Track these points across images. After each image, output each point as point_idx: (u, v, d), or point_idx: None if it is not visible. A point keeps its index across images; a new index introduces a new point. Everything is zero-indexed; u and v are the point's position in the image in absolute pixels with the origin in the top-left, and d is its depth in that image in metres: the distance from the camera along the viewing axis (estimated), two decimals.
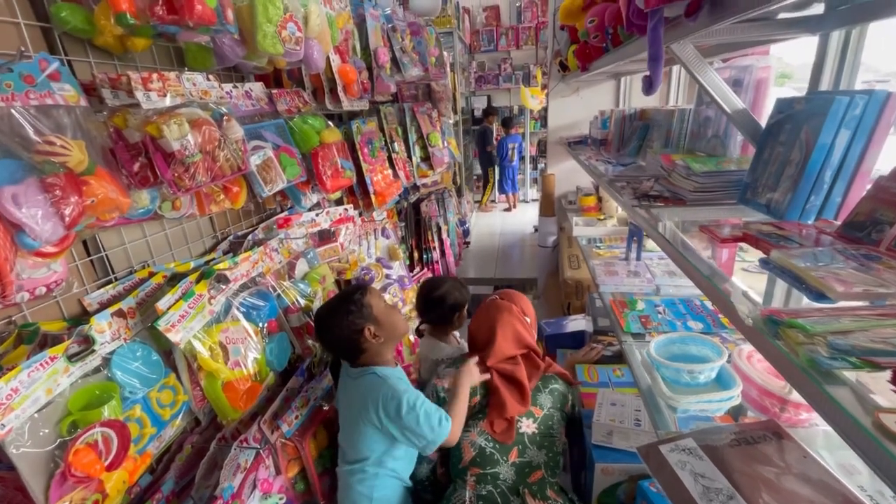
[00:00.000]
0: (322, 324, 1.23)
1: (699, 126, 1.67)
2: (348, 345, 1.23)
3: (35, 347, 0.78)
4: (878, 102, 0.91)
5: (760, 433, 1.03)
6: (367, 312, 1.23)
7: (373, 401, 1.16)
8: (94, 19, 0.90)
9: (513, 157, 6.05)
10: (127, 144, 0.84)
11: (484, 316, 1.49)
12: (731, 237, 0.97)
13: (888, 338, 0.54)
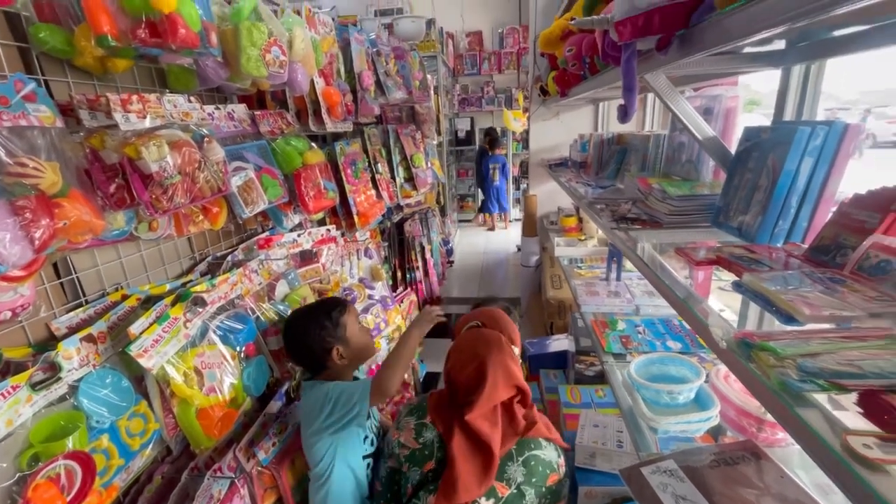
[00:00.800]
0: (293, 327, 1.24)
1: (674, 151, 1.73)
2: (313, 357, 1.24)
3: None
4: (838, 132, 0.95)
5: (739, 453, 1.04)
6: (341, 333, 1.24)
7: (319, 406, 1.17)
8: (73, 40, 0.89)
9: (495, 177, 6.15)
10: (103, 166, 0.83)
11: (469, 352, 1.16)
12: (706, 260, 1.00)
13: (854, 360, 0.56)
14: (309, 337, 1.21)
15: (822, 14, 0.53)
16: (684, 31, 0.84)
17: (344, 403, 1.15)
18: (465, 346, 1.20)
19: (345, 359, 1.24)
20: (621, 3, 0.94)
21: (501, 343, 1.18)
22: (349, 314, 1.27)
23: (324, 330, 1.20)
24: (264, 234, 1.53)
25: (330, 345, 1.21)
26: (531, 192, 3.62)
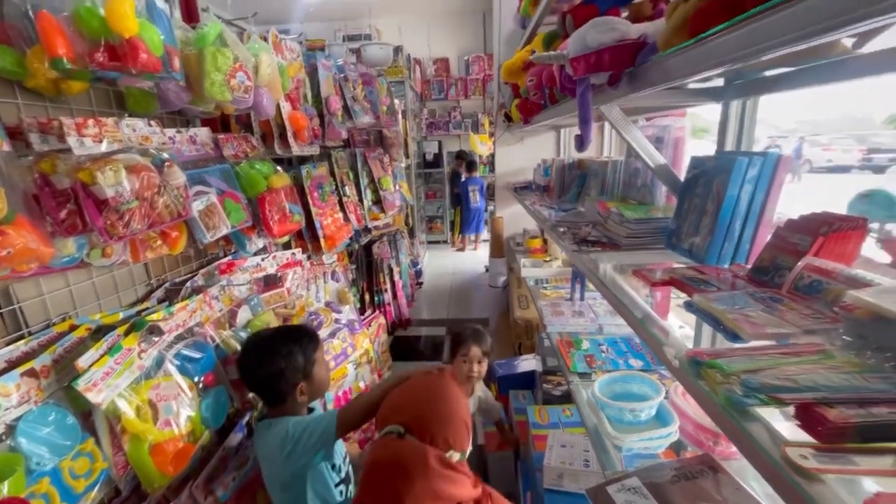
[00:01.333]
0: (256, 355, 1.16)
1: (630, 176, 1.83)
2: (274, 390, 1.17)
3: None
4: (772, 162, 1.04)
5: (698, 468, 1.08)
6: (309, 369, 1.20)
7: (279, 446, 1.11)
8: (25, 62, 0.87)
9: (475, 199, 6.28)
10: (54, 191, 0.79)
11: (381, 488, 0.87)
12: (661, 281, 1.05)
13: (791, 375, 0.60)
14: (274, 369, 1.14)
15: (742, 61, 0.59)
16: (632, 69, 0.91)
17: (307, 440, 1.10)
18: (377, 476, 0.89)
19: (305, 395, 1.20)
20: (575, 42, 1.00)
21: (426, 468, 0.86)
22: (320, 350, 1.24)
23: (294, 364, 1.15)
24: (226, 259, 1.49)
25: (296, 380, 1.16)
26: (498, 215, 3.69)
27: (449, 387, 1.03)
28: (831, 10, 0.42)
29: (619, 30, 0.92)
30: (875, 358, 0.61)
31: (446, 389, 1.02)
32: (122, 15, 0.85)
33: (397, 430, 0.93)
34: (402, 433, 0.92)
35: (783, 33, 0.50)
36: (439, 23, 7.03)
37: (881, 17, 0.38)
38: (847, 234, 0.87)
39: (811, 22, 0.45)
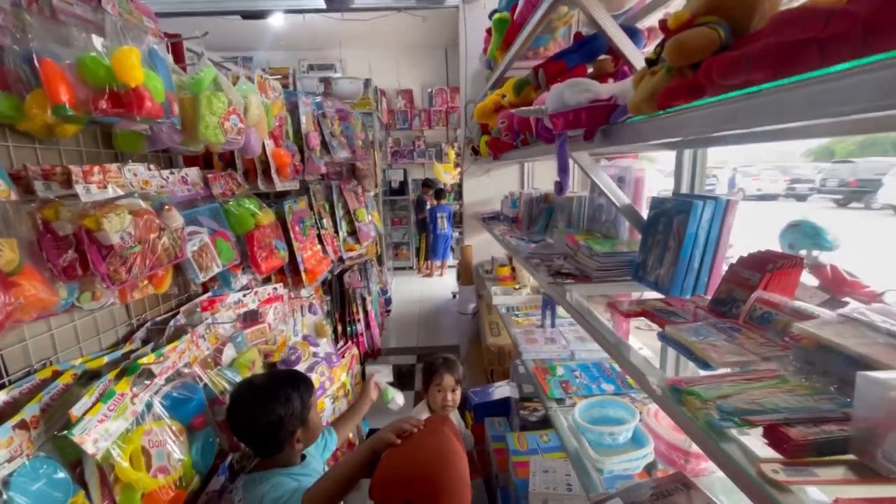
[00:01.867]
0: (250, 405, 1.11)
1: (594, 211, 1.97)
2: (269, 440, 1.13)
3: None
4: (723, 205, 1.19)
5: (673, 485, 1.17)
6: (306, 414, 1.18)
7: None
8: (23, 107, 0.87)
9: (443, 225, 6.39)
10: (55, 237, 0.79)
11: None
12: (633, 312, 1.16)
13: (756, 399, 0.70)
14: (274, 417, 1.10)
15: (700, 134, 0.71)
16: (605, 126, 1.03)
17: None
18: None
19: (301, 443, 1.18)
20: (553, 99, 1.12)
21: None
22: (314, 396, 1.23)
23: (292, 411, 1.12)
24: (206, 296, 1.47)
25: (294, 427, 1.14)
26: (466, 243, 3.79)
27: (449, 449, 0.99)
28: (779, 108, 0.53)
29: (593, 90, 1.04)
30: (821, 382, 0.72)
31: (448, 455, 0.98)
32: (130, 66, 0.88)
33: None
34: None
35: (734, 118, 0.62)
36: (403, 55, 7.24)
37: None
38: (788, 270, 1.01)
39: (762, 114, 0.57)
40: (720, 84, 0.62)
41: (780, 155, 16.26)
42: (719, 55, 0.63)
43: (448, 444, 1.04)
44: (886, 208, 9.33)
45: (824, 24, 0.51)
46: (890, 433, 0.54)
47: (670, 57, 0.76)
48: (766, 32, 0.58)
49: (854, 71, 0.45)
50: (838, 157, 13.30)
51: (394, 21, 4.52)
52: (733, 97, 0.62)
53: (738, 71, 0.59)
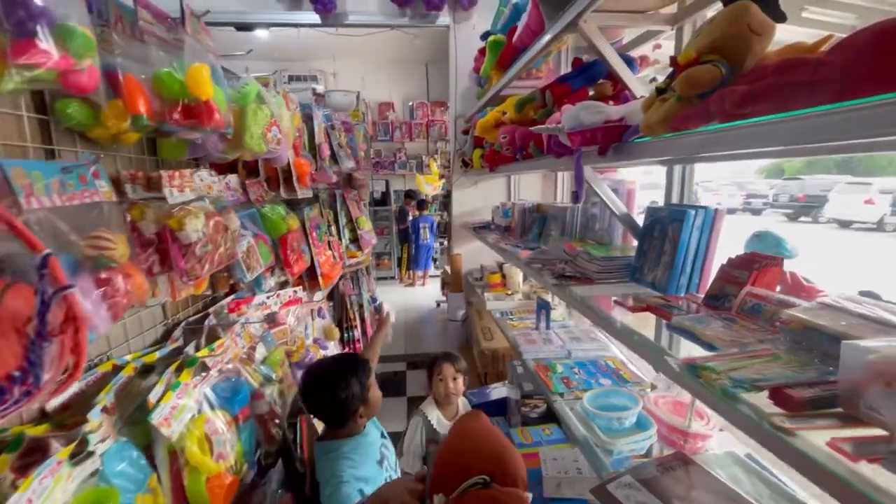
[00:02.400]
0: (320, 385, 1.30)
1: (588, 220, 2.14)
2: (337, 415, 1.32)
3: (19, 455, 0.70)
4: (712, 214, 1.36)
5: (674, 462, 1.31)
6: (365, 395, 1.34)
7: (324, 483, 1.27)
8: (101, 116, 0.94)
9: (425, 236, 6.49)
10: (140, 236, 0.86)
11: None
12: (639, 307, 1.30)
13: (759, 371, 0.84)
14: (338, 398, 1.29)
15: (705, 153, 0.86)
16: (618, 144, 1.18)
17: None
18: None
19: (363, 418, 1.35)
20: (568, 119, 1.27)
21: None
22: (372, 377, 1.37)
23: (353, 393, 1.28)
24: (231, 298, 1.53)
25: (356, 407, 1.30)
26: (455, 252, 3.92)
27: (490, 425, 1.02)
28: (776, 134, 0.69)
29: (605, 112, 1.20)
30: (807, 356, 0.87)
31: (493, 428, 1.01)
32: (203, 81, 0.96)
33: (482, 480, 0.87)
34: (487, 482, 0.87)
35: (738, 141, 0.77)
36: (383, 69, 7.38)
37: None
38: (771, 268, 1.18)
39: (761, 138, 0.72)
40: (730, 113, 0.77)
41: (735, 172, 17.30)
42: (730, 89, 0.78)
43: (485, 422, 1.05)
44: (832, 222, 10.12)
45: (814, 70, 0.67)
46: (869, 387, 0.69)
47: (681, 88, 0.92)
48: (769, 73, 0.74)
49: (835, 111, 0.61)
50: (788, 175, 14.30)
51: (380, 37, 4.66)
52: (741, 125, 0.77)
53: (746, 103, 0.74)
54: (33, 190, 0.60)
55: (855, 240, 8.84)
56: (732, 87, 0.79)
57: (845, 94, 0.62)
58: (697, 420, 1.36)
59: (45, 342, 0.54)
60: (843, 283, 1.11)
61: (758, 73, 0.79)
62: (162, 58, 0.94)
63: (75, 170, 0.70)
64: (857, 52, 0.62)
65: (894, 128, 0.52)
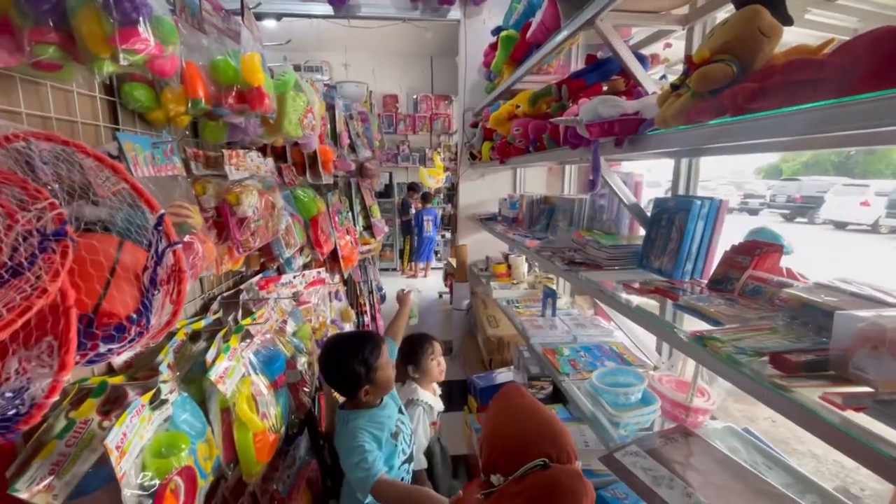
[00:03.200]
0: (332, 358, 1.40)
1: (595, 211, 2.22)
2: (345, 389, 1.42)
3: (102, 401, 0.78)
4: (717, 204, 1.44)
5: (676, 434, 1.41)
6: (371, 375, 1.39)
7: (345, 452, 1.34)
8: (161, 98, 1.01)
9: (428, 228, 6.57)
10: (202, 209, 0.94)
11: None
12: (647, 290, 1.39)
13: (759, 341, 0.93)
14: (344, 373, 1.37)
15: (718, 143, 0.95)
16: (634, 136, 1.27)
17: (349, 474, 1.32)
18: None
19: (370, 395, 1.41)
20: (587, 112, 1.35)
21: (584, 486, 0.88)
22: (382, 357, 1.42)
23: (357, 371, 1.36)
24: (259, 276, 1.61)
25: (361, 384, 1.38)
26: (461, 242, 4.00)
27: (534, 400, 1.04)
28: (783, 126, 0.78)
29: (621, 106, 1.28)
30: (802, 330, 0.96)
31: (538, 404, 1.03)
32: (255, 68, 1.04)
33: (542, 461, 0.90)
34: (546, 464, 0.90)
35: (746, 133, 0.86)
36: (391, 61, 7.42)
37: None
38: (771, 254, 1.27)
39: (769, 130, 0.81)
40: (742, 107, 0.86)
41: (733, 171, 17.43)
42: (742, 85, 0.87)
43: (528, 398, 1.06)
44: (827, 223, 10.27)
45: (818, 70, 0.76)
46: (857, 351, 0.78)
47: (696, 84, 1.00)
48: (777, 72, 0.82)
49: (837, 105, 0.69)
50: (786, 175, 14.38)
51: (390, 29, 4.71)
52: (751, 117, 0.86)
53: (757, 98, 0.83)
54: (138, 160, 0.68)
55: (850, 241, 8.99)
56: (744, 84, 0.88)
57: (846, 91, 0.71)
58: (699, 397, 1.46)
59: (155, 290, 0.62)
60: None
61: (767, 71, 0.88)
62: (217, 46, 1.02)
63: (160, 145, 0.77)
64: (857, 55, 0.71)
65: (891, 119, 0.61)
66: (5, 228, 0.46)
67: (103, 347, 0.56)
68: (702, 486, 1.18)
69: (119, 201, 0.65)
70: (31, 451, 0.72)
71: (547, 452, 0.92)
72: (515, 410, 1.03)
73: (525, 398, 1.05)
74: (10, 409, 0.52)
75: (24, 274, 0.45)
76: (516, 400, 1.05)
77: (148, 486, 0.73)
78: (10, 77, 0.74)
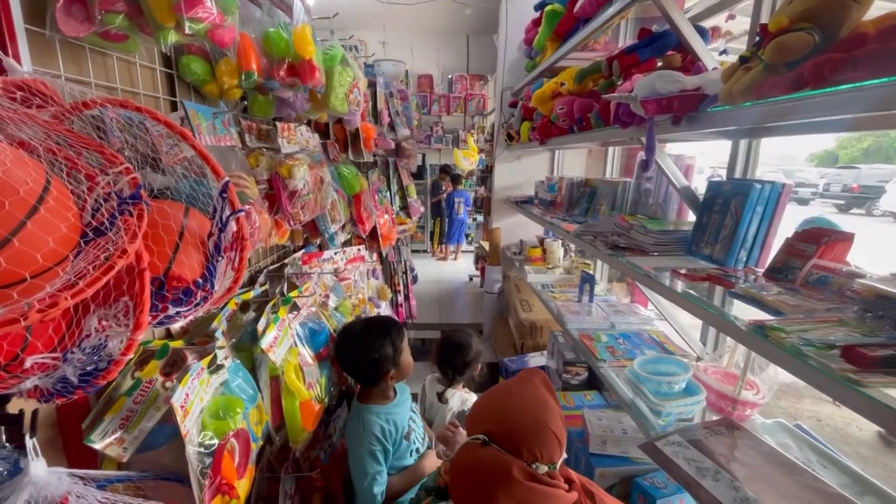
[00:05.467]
0: (353, 344, 1.33)
1: (640, 195, 2.14)
2: (367, 375, 1.36)
3: (165, 363, 0.82)
4: (778, 189, 1.36)
5: (722, 427, 1.36)
6: (397, 358, 1.37)
7: (353, 450, 1.32)
8: (216, 71, 1.03)
9: (459, 211, 6.56)
10: (256, 181, 0.95)
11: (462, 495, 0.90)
12: (699, 277, 1.33)
13: (827, 333, 0.88)
14: (369, 358, 1.31)
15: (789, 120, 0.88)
16: (693, 113, 1.19)
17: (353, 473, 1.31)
18: (460, 482, 0.90)
19: (394, 379, 1.39)
20: (643, 88, 1.28)
21: (509, 480, 0.84)
22: (405, 341, 1.41)
23: (385, 355, 1.32)
24: (302, 252, 1.64)
25: (387, 368, 1.34)
26: (495, 225, 3.96)
27: (539, 395, 0.97)
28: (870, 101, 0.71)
29: (681, 82, 1.21)
30: (877, 323, 0.90)
31: (536, 398, 0.96)
32: (306, 41, 1.03)
33: (482, 438, 0.91)
34: (486, 441, 0.90)
35: (828, 108, 0.79)
36: (423, 40, 7.29)
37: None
38: (840, 243, 1.19)
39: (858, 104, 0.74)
40: (827, 79, 0.79)
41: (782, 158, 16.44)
42: (827, 55, 0.80)
43: (536, 389, 1.01)
44: (887, 215, 9.56)
45: None
46: None
47: (770, 55, 0.93)
48: (871, 40, 0.75)
49: None
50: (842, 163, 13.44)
51: (428, 6, 4.62)
52: (832, 91, 0.79)
53: (846, 68, 0.76)
54: (201, 128, 0.70)
55: None
56: (830, 54, 0.80)
57: None
58: (747, 390, 1.40)
59: (219, 257, 0.64)
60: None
61: (857, 40, 0.80)
62: (269, 19, 1.02)
63: (220, 115, 0.79)
64: None
65: None
66: (88, 190, 0.48)
67: (172, 310, 0.58)
68: (749, 480, 1.14)
69: (183, 170, 0.67)
70: (102, 406, 0.76)
71: (491, 433, 0.91)
72: (504, 389, 1.02)
73: (520, 384, 1.01)
74: (90, 364, 0.55)
75: (106, 234, 0.46)
76: (515, 383, 1.03)
77: (208, 444, 0.76)
78: (80, 48, 0.76)
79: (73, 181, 0.48)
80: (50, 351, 0.52)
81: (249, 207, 0.77)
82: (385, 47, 6.44)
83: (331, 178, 1.37)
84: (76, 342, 0.53)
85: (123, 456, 0.72)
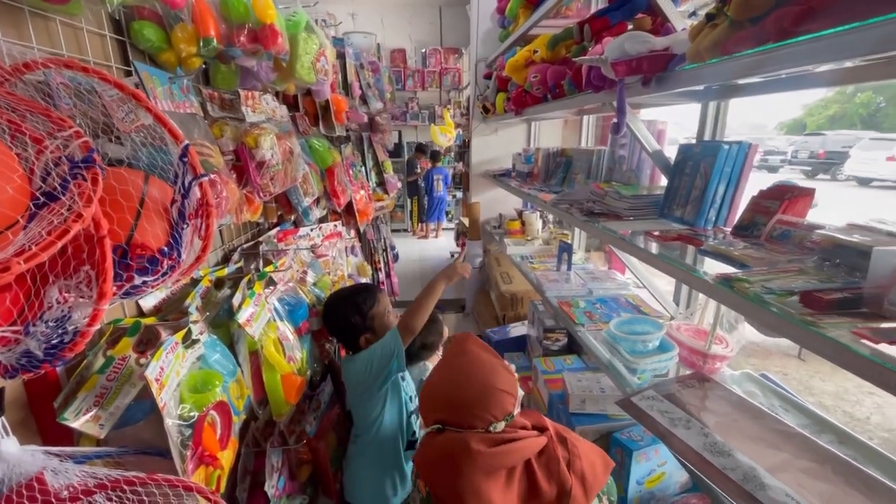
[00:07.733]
0: (332, 311, 1.41)
1: (614, 162, 2.16)
2: (346, 339, 1.44)
3: (137, 341, 0.81)
4: (745, 149, 1.39)
5: (693, 381, 1.42)
6: (370, 323, 1.41)
7: (364, 369, 1.33)
8: (171, 38, 0.98)
9: (439, 188, 6.50)
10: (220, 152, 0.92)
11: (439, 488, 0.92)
12: (670, 237, 1.37)
13: (788, 282, 0.92)
14: (343, 324, 1.40)
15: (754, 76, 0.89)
16: (662, 73, 1.20)
17: (382, 355, 1.32)
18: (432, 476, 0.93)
19: (371, 340, 1.40)
20: (613, 50, 1.28)
21: (471, 455, 0.86)
22: (378, 305, 1.43)
23: (354, 322, 1.38)
24: (277, 229, 1.61)
25: (359, 333, 1.39)
26: (474, 200, 3.96)
27: (477, 360, 0.98)
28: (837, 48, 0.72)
29: (650, 42, 1.21)
30: (834, 271, 0.94)
31: (475, 365, 0.97)
32: (267, 4, 0.99)
33: (436, 428, 0.93)
34: (441, 429, 0.92)
35: (792, 60, 0.80)
36: (394, 11, 7.07)
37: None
38: (802, 198, 1.23)
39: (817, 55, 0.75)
40: (788, 31, 0.80)
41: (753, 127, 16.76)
42: (787, 8, 0.81)
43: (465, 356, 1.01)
44: (850, 179, 9.93)
45: None
46: (894, 287, 0.76)
47: (735, 11, 0.94)
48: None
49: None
50: (810, 130, 13.80)
51: None
52: (797, 41, 0.80)
53: (805, 19, 0.77)
54: (156, 92, 0.67)
55: (874, 197, 8.72)
56: (789, 7, 0.81)
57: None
58: (717, 344, 1.46)
59: (184, 224, 0.62)
60: None
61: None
62: None
63: (176, 81, 0.75)
64: None
65: None
66: (36, 153, 0.45)
67: (138, 279, 0.57)
68: (718, 427, 1.20)
69: (141, 140, 0.64)
70: (74, 385, 0.74)
71: (442, 420, 0.93)
72: (438, 371, 1.03)
73: (449, 358, 1.03)
74: (55, 337, 0.53)
75: (59, 199, 0.45)
76: (445, 360, 1.04)
77: (187, 416, 0.76)
78: (18, 9, 0.72)
79: (20, 145, 0.46)
80: (10, 324, 0.50)
81: (214, 176, 0.75)
82: (354, 19, 6.23)
83: (301, 151, 1.34)
84: (37, 315, 0.52)
85: (101, 433, 0.71)
